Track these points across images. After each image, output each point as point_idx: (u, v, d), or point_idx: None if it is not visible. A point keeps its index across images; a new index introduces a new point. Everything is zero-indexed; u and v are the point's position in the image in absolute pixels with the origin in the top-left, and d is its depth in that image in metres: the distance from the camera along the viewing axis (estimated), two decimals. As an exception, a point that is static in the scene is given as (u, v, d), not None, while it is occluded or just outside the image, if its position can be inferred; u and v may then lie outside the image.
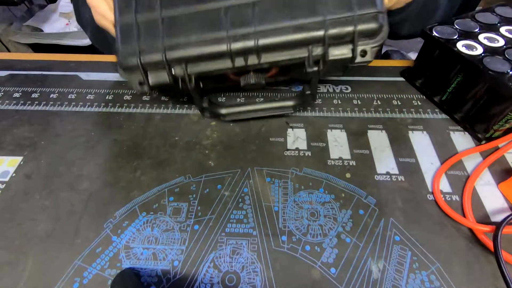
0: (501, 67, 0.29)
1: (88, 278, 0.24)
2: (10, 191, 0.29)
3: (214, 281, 0.24)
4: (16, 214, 0.27)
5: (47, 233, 0.26)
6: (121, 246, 0.26)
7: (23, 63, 0.42)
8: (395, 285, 0.23)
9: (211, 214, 0.27)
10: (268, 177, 0.30)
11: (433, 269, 0.24)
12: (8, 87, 0.38)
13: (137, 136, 0.33)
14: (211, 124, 0.34)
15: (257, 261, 0.25)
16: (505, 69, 0.29)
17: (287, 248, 0.25)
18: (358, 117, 0.35)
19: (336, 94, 0.38)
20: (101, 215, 0.27)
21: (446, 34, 0.33)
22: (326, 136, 0.33)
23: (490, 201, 0.28)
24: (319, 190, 0.29)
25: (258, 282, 0.24)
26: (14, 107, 0.36)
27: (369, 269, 0.24)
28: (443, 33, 0.33)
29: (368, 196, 0.28)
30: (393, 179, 0.30)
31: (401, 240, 0.26)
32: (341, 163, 0.31)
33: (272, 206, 0.28)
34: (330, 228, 0.26)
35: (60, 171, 0.30)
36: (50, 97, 0.37)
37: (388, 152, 0.32)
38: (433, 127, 0.34)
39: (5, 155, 0.31)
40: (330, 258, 0.25)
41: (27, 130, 0.34)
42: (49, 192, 0.29)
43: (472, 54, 0.31)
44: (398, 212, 0.27)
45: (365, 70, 0.40)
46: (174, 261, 0.25)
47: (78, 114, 0.35)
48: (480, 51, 0.31)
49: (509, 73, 0.28)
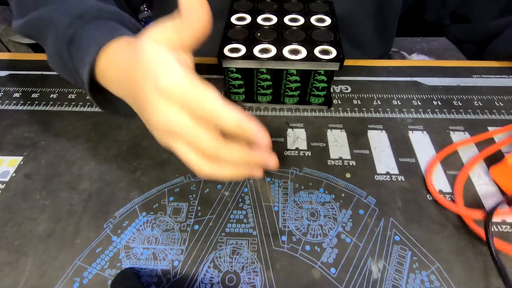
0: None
1: (88, 278, 0.24)
2: (10, 191, 0.29)
3: (214, 281, 0.24)
4: (16, 214, 0.27)
5: (47, 233, 0.26)
6: (121, 246, 0.26)
7: (23, 63, 0.42)
8: (395, 285, 0.23)
9: (211, 214, 0.27)
10: (268, 177, 0.30)
11: (433, 269, 0.24)
12: (8, 87, 0.38)
13: (137, 136, 0.33)
14: (211, 124, 0.34)
15: (257, 261, 0.25)
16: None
17: (287, 248, 0.25)
18: (358, 117, 0.35)
19: (336, 94, 0.38)
20: (101, 215, 0.27)
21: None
22: (326, 136, 0.33)
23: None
24: (319, 190, 0.29)
25: (258, 282, 0.24)
26: (14, 107, 0.36)
27: (369, 269, 0.24)
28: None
29: (368, 196, 0.28)
30: (393, 179, 0.30)
31: (401, 240, 0.26)
32: (341, 163, 0.31)
33: (272, 206, 0.28)
34: (330, 228, 0.26)
35: (60, 171, 0.30)
36: (50, 97, 0.37)
37: (388, 152, 0.32)
38: (433, 127, 0.34)
39: (5, 155, 0.31)
40: (330, 258, 0.25)
41: (27, 130, 0.34)
42: (49, 192, 0.29)
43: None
44: (398, 212, 0.27)
45: (365, 70, 0.40)
46: (174, 261, 0.25)
47: (78, 114, 0.35)
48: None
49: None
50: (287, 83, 0.34)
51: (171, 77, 0.20)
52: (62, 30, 0.28)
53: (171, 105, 0.20)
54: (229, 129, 0.21)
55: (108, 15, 0.29)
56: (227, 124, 0.20)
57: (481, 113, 0.35)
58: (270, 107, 0.36)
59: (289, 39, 0.33)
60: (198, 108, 0.20)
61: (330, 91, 0.37)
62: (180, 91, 0.20)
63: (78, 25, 0.27)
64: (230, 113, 0.20)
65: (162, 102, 0.20)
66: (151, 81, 0.20)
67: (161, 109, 0.21)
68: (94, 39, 0.26)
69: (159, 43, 0.21)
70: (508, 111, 0.35)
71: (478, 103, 0.36)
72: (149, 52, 0.21)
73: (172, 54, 0.21)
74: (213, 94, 0.20)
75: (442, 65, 0.41)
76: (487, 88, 0.38)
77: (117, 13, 0.30)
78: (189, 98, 0.20)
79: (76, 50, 0.27)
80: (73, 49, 0.28)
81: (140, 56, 0.21)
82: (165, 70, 0.20)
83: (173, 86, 0.20)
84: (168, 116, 0.21)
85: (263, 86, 0.34)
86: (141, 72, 0.21)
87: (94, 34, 0.27)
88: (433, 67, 0.41)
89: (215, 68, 0.41)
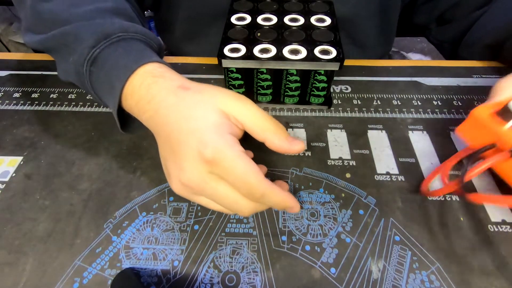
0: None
1: (88, 278, 0.24)
2: (10, 191, 0.29)
3: (214, 281, 0.24)
4: (16, 214, 0.27)
5: (47, 233, 0.26)
6: (121, 246, 0.26)
7: (23, 63, 0.42)
8: (395, 285, 0.23)
9: (211, 214, 0.27)
10: (268, 177, 0.30)
11: (433, 269, 0.24)
12: (8, 87, 0.38)
13: (137, 136, 0.33)
14: (211, 124, 0.34)
15: (257, 261, 0.25)
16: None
17: (287, 248, 0.25)
18: (358, 117, 0.35)
19: (336, 94, 0.38)
20: (101, 215, 0.27)
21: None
22: (326, 136, 0.33)
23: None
24: (319, 190, 0.29)
25: (258, 282, 0.24)
26: (14, 107, 0.36)
27: (369, 269, 0.24)
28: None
29: (368, 196, 0.28)
30: (393, 179, 0.30)
31: (401, 240, 0.26)
32: (341, 163, 0.31)
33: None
34: (330, 228, 0.26)
35: (60, 171, 0.30)
36: (50, 97, 0.37)
37: (388, 152, 0.32)
38: (433, 127, 0.34)
39: (5, 155, 0.31)
40: (330, 258, 0.25)
41: (27, 130, 0.34)
42: (49, 192, 0.29)
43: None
44: (398, 212, 0.27)
45: (365, 70, 0.40)
46: (174, 261, 0.25)
47: (78, 114, 0.35)
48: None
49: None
50: (287, 83, 0.34)
51: (223, 152, 0.21)
52: (87, 50, 0.27)
53: (209, 172, 0.22)
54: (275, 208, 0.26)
55: (133, 36, 0.29)
56: (273, 206, 0.24)
57: (481, 113, 0.35)
58: (270, 107, 0.36)
59: (289, 39, 0.33)
60: (243, 187, 0.22)
61: (330, 91, 0.37)
62: (227, 167, 0.21)
63: (103, 45, 0.28)
64: (277, 197, 0.23)
65: (200, 165, 0.22)
66: (197, 142, 0.22)
67: (196, 170, 0.22)
68: (122, 62, 0.27)
69: (225, 113, 0.23)
70: (508, 111, 0.35)
71: (478, 103, 0.36)
72: (209, 117, 0.23)
73: (230, 132, 0.23)
74: (258, 176, 0.22)
75: (442, 65, 0.41)
76: (487, 88, 0.38)
77: (143, 32, 0.30)
78: (234, 178, 0.22)
79: (100, 70, 0.28)
80: (95, 69, 0.28)
81: (198, 110, 0.23)
82: (218, 141, 0.21)
83: (220, 160, 0.21)
84: (204, 180, 0.22)
85: (263, 86, 0.34)
86: (190, 125, 0.22)
87: (121, 57, 0.27)
88: (433, 67, 0.41)
89: (215, 68, 0.41)
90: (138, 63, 0.26)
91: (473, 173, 0.23)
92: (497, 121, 0.24)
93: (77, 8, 0.30)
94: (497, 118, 0.24)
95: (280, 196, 0.23)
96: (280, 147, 0.24)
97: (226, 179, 0.22)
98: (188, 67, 0.41)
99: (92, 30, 0.28)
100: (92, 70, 0.28)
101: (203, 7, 0.45)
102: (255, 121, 0.24)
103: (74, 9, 0.30)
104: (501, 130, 0.24)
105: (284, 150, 0.24)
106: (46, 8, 0.31)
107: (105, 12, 0.30)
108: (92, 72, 0.28)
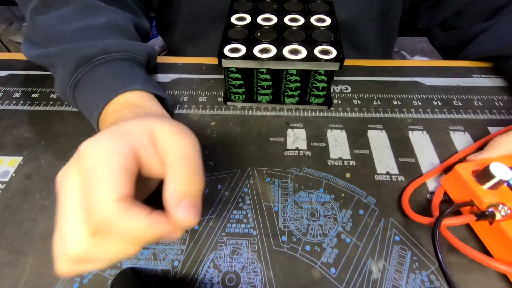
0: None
1: (88, 278, 0.24)
2: (10, 191, 0.29)
3: (214, 281, 0.24)
4: (16, 214, 0.27)
5: (47, 233, 0.26)
6: (121, 246, 0.26)
7: (23, 63, 0.42)
8: (395, 285, 0.23)
9: (211, 214, 0.27)
10: (268, 177, 0.30)
11: (433, 269, 0.24)
12: (8, 87, 0.38)
13: (137, 136, 0.33)
14: (211, 124, 0.34)
15: (257, 261, 0.25)
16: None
17: (287, 248, 0.25)
18: (358, 117, 0.35)
19: (336, 94, 0.38)
20: (101, 215, 0.27)
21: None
22: (326, 136, 0.33)
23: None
24: (319, 190, 0.29)
25: (258, 282, 0.24)
26: (14, 107, 0.36)
27: (369, 269, 0.24)
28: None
29: (368, 196, 0.28)
30: (393, 179, 0.30)
31: (401, 240, 0.26)
32: (341, 163, 0.31)
33: (272, 206, 0.28)
34: (330, 228, 0.26)
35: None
36: (50, 97, 0.37)
37: (388, 152, 0.32)
38: (433, 127, 0.34)
39: (5, 155, 0.31)
40: (330, 258, 0.25)
41: (27, 130, 0.34)
42: (49, 192, 0.29)
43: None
44: (398, 212, 0.27)
45: (365, 70, 0.40)
46: (174, 261, 0.25)
47: (78, 114, 0.35)
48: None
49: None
50: (287, 83, 0.34)
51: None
52: (69, 75, 0.29)
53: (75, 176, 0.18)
54: None
55: (115, 56, 0.30)
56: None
57: (481, 113, 0.35)
58: (270, 107, 0.36)
59: (289, 39, 0.33)
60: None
61: (330, 91, 0.37)
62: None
63: (84, 70, 0.29)
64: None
65: (73, 168, 0.18)
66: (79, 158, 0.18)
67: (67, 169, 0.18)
68: (100, 88, 0.28)
69: (154, 137, 0.19)
70: (508, 111, 0.35)
71: (478, 103, 0.36)
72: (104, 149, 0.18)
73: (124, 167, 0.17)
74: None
75: (442, 65, 0.41)
76: (487, 88, 0.38)
77: (125, 50, 0.31)
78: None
79: (81, 95, 0.29)
80: (77, 93, 0.30)
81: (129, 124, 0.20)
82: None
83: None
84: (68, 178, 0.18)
85: (263, 86, 0.34)
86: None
87: (100, 84, 0.28)
88: (433, 67, 0.41)
89: (215, 68, 0.41)
90: (117, 91, 0.27)
91: (447, 223, 0.23)
92: (477, 180, 0.25)
93: (68, 24, 0.31)
94: (478, 177, 0.25)
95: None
96: (168, 198, 0.17)
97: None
98: (188, 67, 0.41)
99: (73, 54, 0.29)
100: (75, 94, 0.30)
101: (204, 9, 0.45)
102: (179, 162, 0.19)
103: (65, 25, 0.31)
104: (479, 189, 0.24)
105: (166, 204, 0.17)
106: (40, 21, 0.32)
107: (94, 30, 0.31)
108: (75, 95, 0.30)
